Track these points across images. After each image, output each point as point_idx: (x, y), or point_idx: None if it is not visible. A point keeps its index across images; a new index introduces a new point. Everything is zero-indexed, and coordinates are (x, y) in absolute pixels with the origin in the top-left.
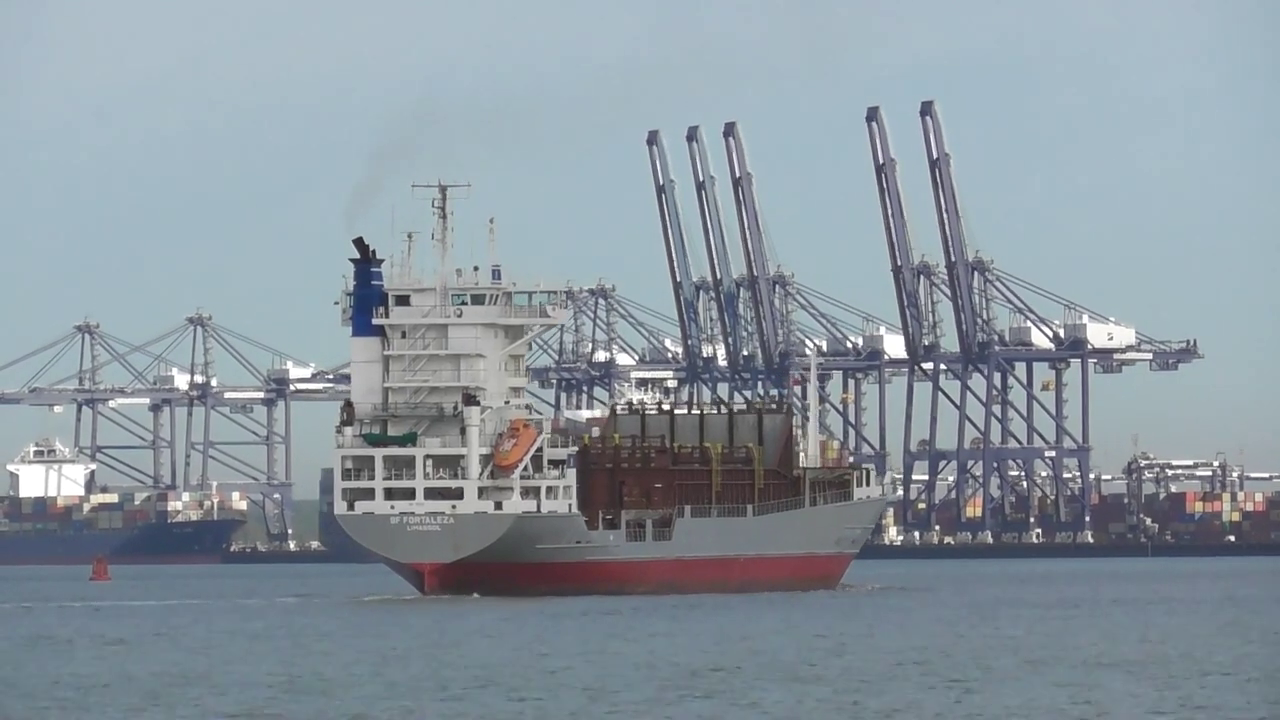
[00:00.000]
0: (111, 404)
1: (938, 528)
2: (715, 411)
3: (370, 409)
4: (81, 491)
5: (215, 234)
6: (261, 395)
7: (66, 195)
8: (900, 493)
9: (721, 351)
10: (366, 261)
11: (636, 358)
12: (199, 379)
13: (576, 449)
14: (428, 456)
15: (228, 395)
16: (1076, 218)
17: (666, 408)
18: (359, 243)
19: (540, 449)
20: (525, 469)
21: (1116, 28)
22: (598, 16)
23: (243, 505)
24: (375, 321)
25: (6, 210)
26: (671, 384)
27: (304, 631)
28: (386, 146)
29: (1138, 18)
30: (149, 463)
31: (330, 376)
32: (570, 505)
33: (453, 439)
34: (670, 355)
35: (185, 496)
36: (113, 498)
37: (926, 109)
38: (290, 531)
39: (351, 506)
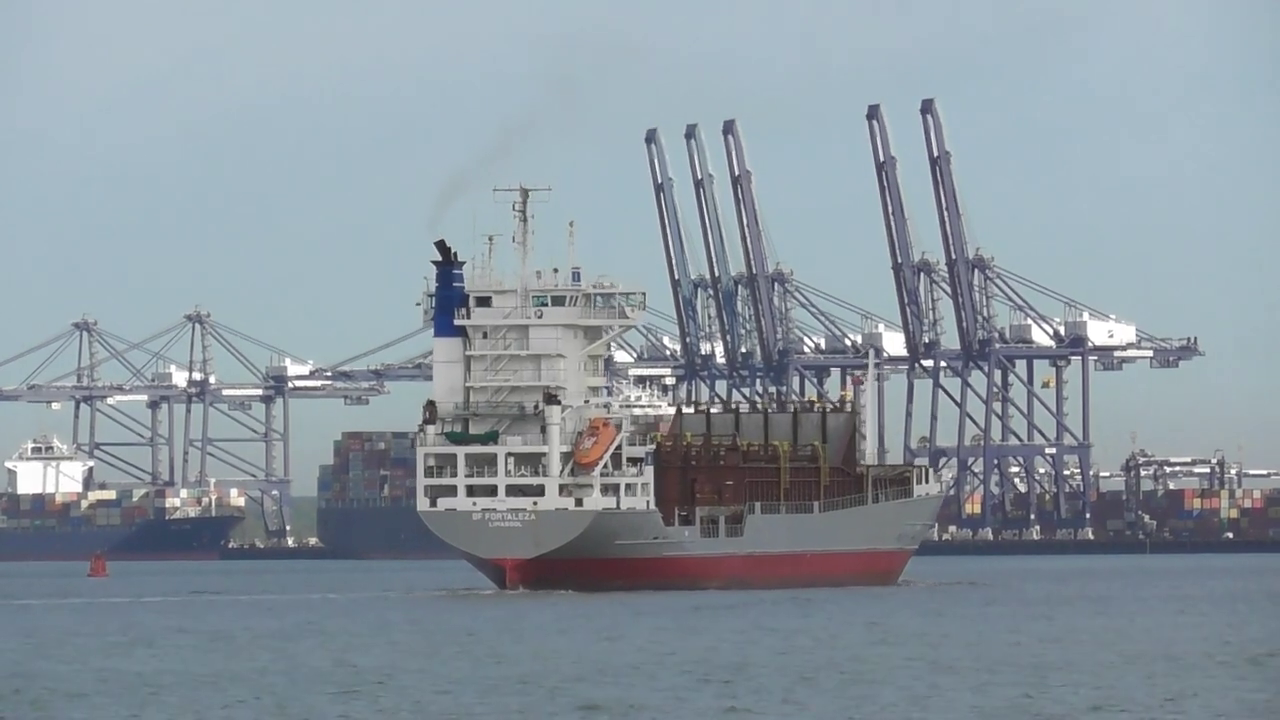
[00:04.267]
0: (110, 401)
1: (937, 524)
2: (779, 410)
3: (452, 408)
4: (79, 488)
5: (214, 231)
6: (260, 392)
7: (64, 192)
8: None
9: (720, 349)
10: (448, 264)
11: (635, 355)
12: (197, 376)
13: (653, 447)
14: (509, 454)
15: (226, 392)
16: (1077, 215)
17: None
18: (441, 245)
19: (619, 447)
20: (605, 466)
21: (1117, 25)
22: (596, 14)
23: (241, 502)
24: (457, 322)
25: (5, 207)
26: (670, 381)
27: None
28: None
29: (1139, 15)
30: (147, 459)
31: (329, 374)
32: (648, 502)
33: (533, 437)
34: (669, 353)
35: (183, 493)
36: (111, 494)
37: (927, 107)
38: (289, 528)
39: (434, 503)
